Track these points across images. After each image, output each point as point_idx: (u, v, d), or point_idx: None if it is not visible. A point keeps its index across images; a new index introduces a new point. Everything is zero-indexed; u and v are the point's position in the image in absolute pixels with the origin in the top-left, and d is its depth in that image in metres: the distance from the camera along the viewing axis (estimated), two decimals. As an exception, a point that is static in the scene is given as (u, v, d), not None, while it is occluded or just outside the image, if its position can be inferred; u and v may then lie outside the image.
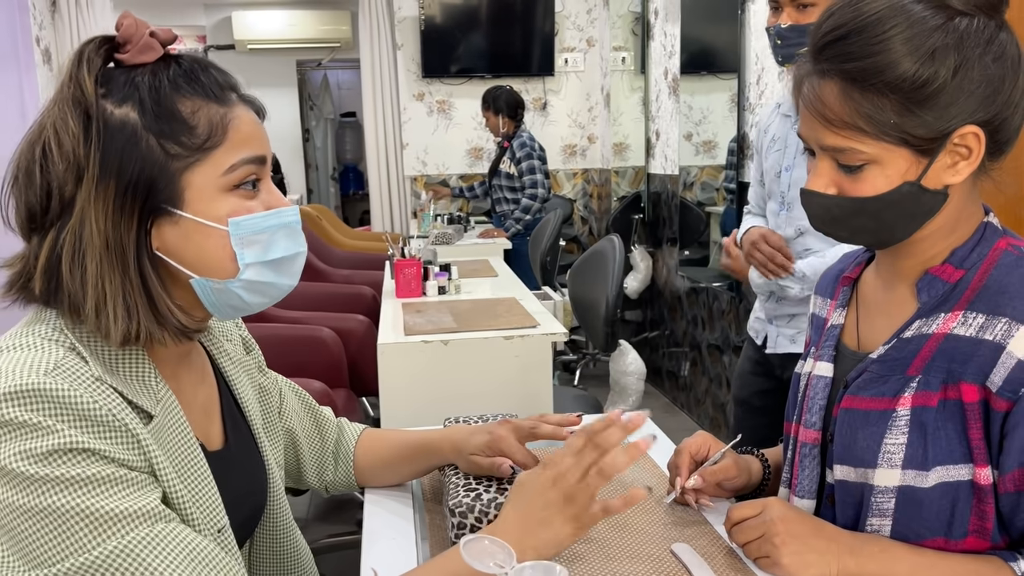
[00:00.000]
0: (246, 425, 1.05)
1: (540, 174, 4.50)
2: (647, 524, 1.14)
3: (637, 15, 4.94)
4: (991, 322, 0.88)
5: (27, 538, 0.73)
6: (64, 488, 0.73)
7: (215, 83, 0.85)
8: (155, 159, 0.81)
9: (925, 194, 0.89)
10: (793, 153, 1.93)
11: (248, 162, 0.85)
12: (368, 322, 3.13)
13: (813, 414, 1.03)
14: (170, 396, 0.87)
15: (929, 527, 0.91)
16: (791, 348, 2.03)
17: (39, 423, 0.73)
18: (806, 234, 1.91)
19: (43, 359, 0.77)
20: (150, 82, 0.82)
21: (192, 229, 0.83)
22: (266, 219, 0.86)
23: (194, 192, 0.82)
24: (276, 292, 0.90)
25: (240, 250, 0.85)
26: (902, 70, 0.84)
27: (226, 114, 0.84)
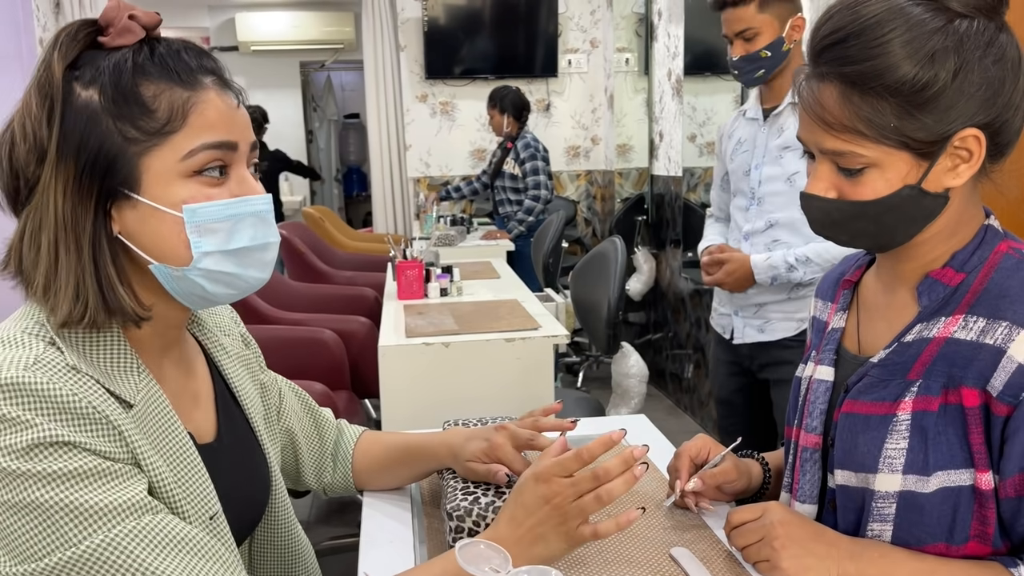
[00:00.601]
0: (244, 419, 1.04)
1: (544, 175, 4.50)
2: (646, 528, 1.13)
3: (641, 16, 4.93)
4: (992, 326, 0.87)
5: (12, 533, 0.73)
6: (47, 483, 0.73)
7: (185, 67, 0.83)
8: (113, 142, 0.80)
9: (926, 197, 0.89)
10: (762, 152, 2.10)
11: (210, 147, 0.82)
12: (370, 324, 3.13)
13: (814, 418, 1.03)
14: (153, 384, 0.87)
15: (930, 532, 0.90)
16: (760, 337, 2.15)
17: (19, 417, 0.73)
18: (776, 226, 2.08)
19: (23, 355, 0.77)
20: (115, 64, 0.81)
21: (148, 214, 0.82)
22: (227, 207, 0.84)
23: (151, 176, 0.81)
24: (243, 284, 0.88)
25: (196, 238, 0.83)
26: (901, 73, 0.84)
27: (190, 98, 0.82)
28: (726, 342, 2.25)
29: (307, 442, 1.22)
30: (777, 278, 2.03)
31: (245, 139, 0.87)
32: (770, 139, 2.09)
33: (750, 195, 2.13)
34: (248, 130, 0.87)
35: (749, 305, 2.16)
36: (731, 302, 2.21)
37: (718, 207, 2.35)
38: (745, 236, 2.14)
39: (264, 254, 0.88)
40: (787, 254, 2.01)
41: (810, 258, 1.99)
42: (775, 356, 2.16)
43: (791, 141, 2.06)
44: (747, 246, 2.12)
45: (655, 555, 1.06)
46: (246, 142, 0.87)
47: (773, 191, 2.08)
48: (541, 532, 0.89)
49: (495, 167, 4.76)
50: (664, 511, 1.18)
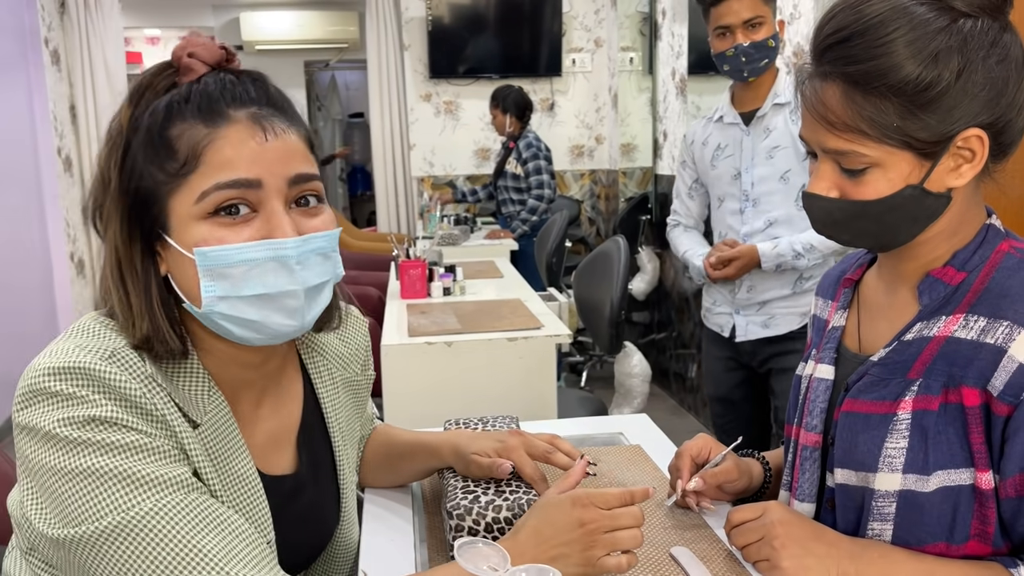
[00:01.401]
0: (329, 451, 1.05)
1: (546, 175, 4.49)
2: (646, 528, 1.13)
3: (645, 15, 4.93)
4: (992, 325, 0.87)
5: (65, 497, 0.76)
6: (101, 451, 0.76)
7: (214, 102, 0.82)
8: (147, 184, 0.83)
9: (928, 197, 0.88)
10: (750, 155, 2.14)
11: (224, 187, 0.80)
12: (373, 323, 3.13)
13: (814, 417, 1.03)
14: (224, 409, 0.89)
15: (930, 532, 0.90)
16: (764, 333, 2.20)
17: (84, 396, 0.77)
18: (775, 224, 2.14)
19: (102, 345, 0.80)
20: (155, 105, 0.83)
21: (175, 255, 0.83)
22: (240, 251, 0.80)
23: (175, 218, 0.82)
24: (271, 331, 0.85)
25: (208, 282, 0.81)
26: (905, 73, 0.83)
27: (207, 136, 0.80)
28: (723, 339, 2.28)
29: None
30: (783, 265, 2.11)
31: (276, 174, 0.82)
32: (757, 141, 2.14)
33: (743, 198, 2.18)
34: (285, 163, 0.83)
35: (752, 304, 2.20)
36: (731, 301, 2.24)
37: (686, 215, 2.40)
38: (744, 238, 2.18)
39: (288, 300, 0.83)
40: (793, 242, 2.08)
41: (814, 246, 2.08)
42: (780, 348, 2.20)
43: (780, 140, 2.12)
44: None
45: (655, 554, 1.06)
46: (278, 177, 0.82)
47: (768, 191, 2.14)
48: (564, 552, 0.89)
49: (497, 167, 4.76)
50: (665, 510, 1.18)
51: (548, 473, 1.14)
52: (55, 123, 4.92)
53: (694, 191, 2.36)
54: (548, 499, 0.93)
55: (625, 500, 0.92)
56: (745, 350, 2.25)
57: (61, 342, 0.82)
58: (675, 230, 2.43)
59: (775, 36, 2.06)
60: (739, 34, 2.03)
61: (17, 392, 0.79)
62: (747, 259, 2.14)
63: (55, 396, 0.76)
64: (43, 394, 0.77)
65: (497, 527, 1.04)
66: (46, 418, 0.76)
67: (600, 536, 0.89)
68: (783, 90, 2.15)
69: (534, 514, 0.92)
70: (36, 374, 0.78)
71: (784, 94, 2.15)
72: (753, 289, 2.20)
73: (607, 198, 5.79)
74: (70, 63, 5.23)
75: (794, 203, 2.14)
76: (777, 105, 2.15)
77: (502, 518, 1.04)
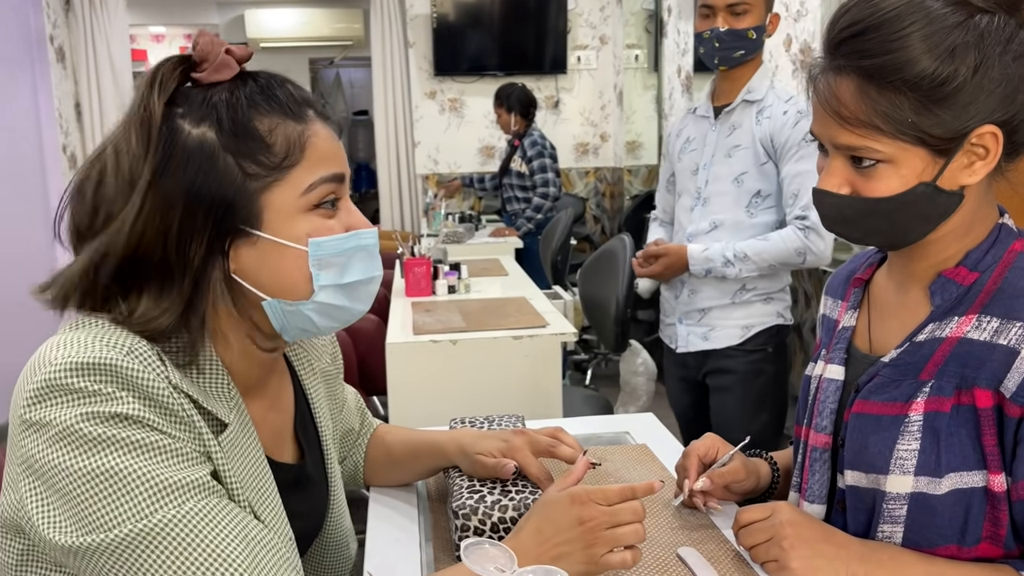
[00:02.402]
0: (318, 442, 1.05)
1: (551, 173, 4.49)
2: (653, 528, 1.13)
3: (650, 12, 4.92)
4: (1006, 326, 0.86)
5: (84, 502, 0.72)
6: (124, 449, 0.73)
7: (292, 99, 0.84)
8: (233, 179, 0.80)
9: (940, 195, 0.87)
10: (711, 151, 2.07)
11: (327, 180, 0.83)
12: (378, 321, 3.13)
13: (824, 418, 1.02)
14: (243, 409, 0.88)
15: (942, 534, 0.89)
16: (704, 345, 2.12)
17: (107, 392, 0.73)
18: (719, 228, 2.06)
19: (120, 339, 0.77)
20: (227, 100, 0.81)
21: (270, 250, 0.82)
22: (346, 241, 0.85)
23: (273, 212, 0.82)
24: (347, 316, 0.89)
25: (316, 271, 0.84)
26: (921, 68, 0.82)
27: (304, 131, 0.83)
28: (673, 353, 2.23)
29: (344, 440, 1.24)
30: (712, 271, 2.03)
31: (347, 170, 0.88)
32: (720, 137, 2.06)
33: (695, 195, 2.10)
34: (346, 161, 0.89)
35: (692, 312, 2.14)
36: (675, 310, 2.19)
37: (663, 209, 2.33)
38: (688, 237, 2.11)
39: (371, 286, 0.90)
40: (725, 248, 2.00)
41: (748, 255, 1.98)
42: (718, 364, 2.13)
43: (742, 139, 2.03)
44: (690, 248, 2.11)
45: (662, 555, 1.05)
46: (348, 173, 0.88)
47: (719, 191, 2.06)
48: (567, 551, 0.88)
49: (503, 165, 4.75)
50: (672, 511, 1.17)
51: (553, 469, 1.13)
52: (60, 120, 4.92)
53: (670, 184, 2.28)
54: (548, 497, 0.92)
55: (626, 495, 0.91)
56: (689, 363, 2.19)
57: (72, 334, 0.78)
58: (652, 224, 2.38)
59: (760, 28, 1.96)
60: (720, 17, 1.93)
61: (27, 388, 0.74)
62: (674, 258, 2.07)
63: (77, 392, 0.73)
64: (62, 390, 0.73)
65: (503, 527, 1.04)
66: (66, 413, 0.72)
67: (601, 533, 0.88)
68: (757, 86, 2.04)
69: (535, 513, 0.92)
70: (54, 369, 0.73)
71: (758, 90, 2.04)
72: (694, 294, 2.13)
73: (612, 196, 5.78)
74: (75, 60, 5.23)
75: (744, 208, 2.04)
76: (747, 102, 2.04)
77: (508, 518, 1.04)
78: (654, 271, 2.12)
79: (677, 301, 2.17)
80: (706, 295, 2.10)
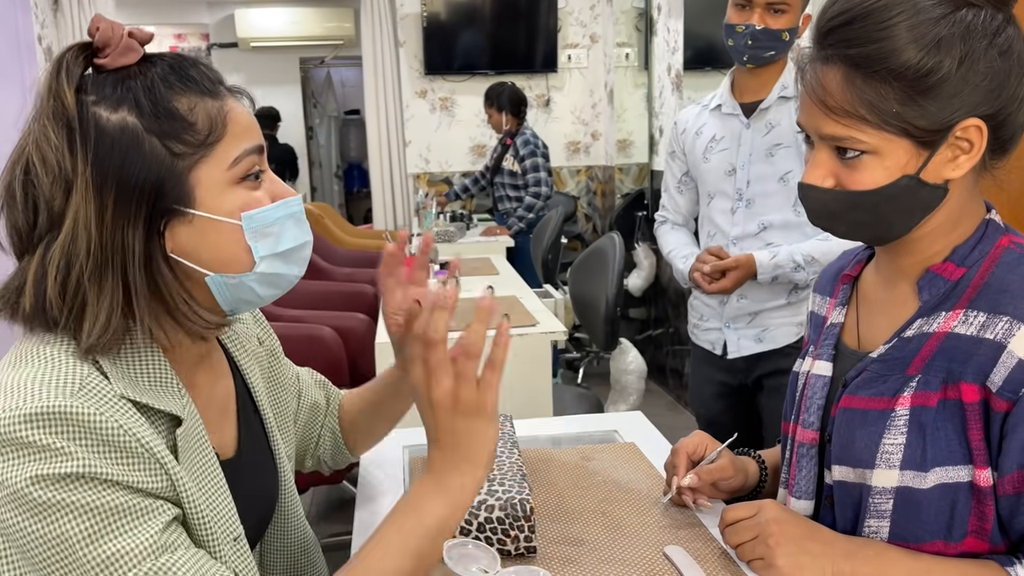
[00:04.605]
0: (260, 423, 1.04)
1: (543, 172, 4.48)
2: (640, 526, 1.12)
3: (640, 11, 4.91)
4: (992, 321, 0.86)
5: (41, 561, 0.73)
6: (76, 515, 0.72)
7: (205, 77, 0.85)
8: (160, 160, 0.79)
9: (924, 188, 0.87)
10: (747, 150, 1.95)
11: (250, 152, 0.84)
12: (368, 320, 3.12)
13: (811, 414, 1.02)
14: (190, 404, 0.87)
15: (928, 529, 0.89)
16: (758, 348, 2.00)
17: (60, 448, 0.72)
18: (769, 229, 1.94)
19: (68, 377, 0.75)
20: (143, 83, 0.81)
21: (206, 226, 0.82)
22: (275, 210, 0.86)
23: (203, 189, 0.82)
24: (286, 283, 0.90)
25: (254, 243, 0.84)
26: (906, 58, 0.83)
27: (222, 107, 0.84)
28: (716, 359, 2.08)
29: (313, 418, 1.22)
30: (780, 277, 1.91)
31: (264, 142, 0.89)
32: (757, 136, 1.94)
33: (736, 196, 1.98)
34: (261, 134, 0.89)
35: (742, 316, 2.01)
36: (719, 315, 2.05)
37: (674, 211, 2.20)
38: (734, 241, 1.99)
39: (303, 251, 0.91)
40: (793, 252, 1.89)
41: (815, 258, 1.88)
42: (775, 365, 1.99)
43: (783, 138, 1.93)
44: (736, 251, 1.97)
45: (649, 553, 1.05)
46: (265, 145, 0.89)
47: (764, 192, 1.94)
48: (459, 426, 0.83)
49: (495, 163, 4.75)
50: (660, 509, 1.17)
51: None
52: (49, 121, 4.89)
53: (683, 185, 2.16)
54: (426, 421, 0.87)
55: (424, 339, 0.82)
56: (738, 367, 2.05)
57: (16, 373, 0.76)
58: (662, 227, 2.24)
59: (793, 29, 1.87)
60: (757, 14, 1.82)
61: None
62: (745, 270, 1.91)
63: (28, 447, 0.71)
64: (13, 444, 0.71)
65: (489, 527, 1.03)
66: (17, 474, 0.71)
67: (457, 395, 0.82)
68: (791, 81, 1.93)
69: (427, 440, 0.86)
70: (3, 421, 0.72)
71: (792, 86, 1.94)
72: (744, 299, 1.99)
73: (603, 194, 5.77)
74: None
75: (792, 208, 1.94)
76: (783, 98, 1.95)
77: (495, 518, 1.03)
78: (725, 287, 1.93)
79: (723, 306, 2.03)
80: (758, 298, 1.97)
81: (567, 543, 1.09)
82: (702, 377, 2.17)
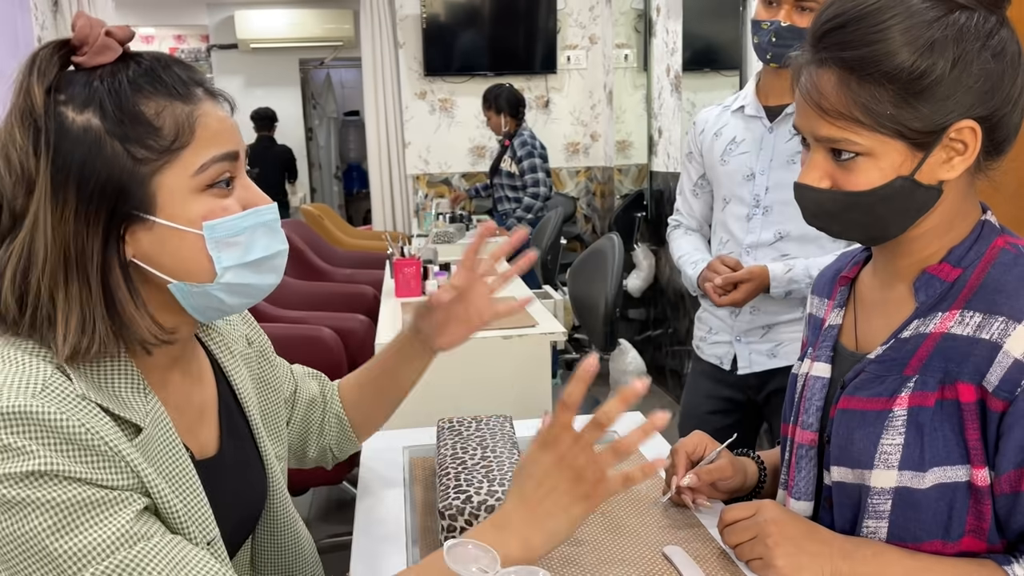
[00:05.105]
0: (246, 424, 1.03)
1: (541, 172, 4.48)
2: (639, 526, 1.13)
3: (639, 12, 4.92)
4: (988, 321, 0.87)
5: (13, 560, 0.73)
6: (43, 511, 0.72)
7: (178, 80, 0.82)
8: (122, 164, 0.78)
9: (919, 189, 0.88)
10: (768, 156, 1.85)
11: (219, 160, 0.81)
12: (368, 322, 3.12)
13: (810, 415, 1.02)
14: (158, 407, 0.85)
15: (926, 529, 0.89)
16: (771, 364, 1.88)
17: (22, 447, 0.72)
18: (786, 239, 1.83)
19: (31, 378, 0.75)
20: (109, 85, 0.79)
21: (167, 234, 0.80)
22: (243, 219, 0.83)
23: (166, 195, 0.80)
24: (258, 292, 0.88)
25: (216, 253, 0.82)
26: (900, 60, 0.83)
27: (192, 112, 0.81)
28: (723, 373, 1.97)
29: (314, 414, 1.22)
30: (794, 292, 1.81)
31: (242, 147, 0.86)
32: (780, 142, 1.84)
33: (752, 203, 1.87)
34: (241, 137, 0.87)
35: (754, 329, 1.90)
36: (730, 328, 1.94)
37: (688, 214, 2.09)
38: (747, 249, 1.87)
39: (276, 260, 0.89)
40: (810, 266, 1.78)
41: None
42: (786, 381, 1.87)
43: None
44: (750, 260, 1.86)
45: (648, 553, 1.06)
46: (243, 150, 0.86)
47: (783, 200, 1.82)
48: (556, 499, 0.83)
49: (493, 165, 4.75)
50: (659, 508, 1.17)
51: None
52: (48, 122, 4.89)
53: (699, 189, 2.04)
54: (522, 459, 0.88)
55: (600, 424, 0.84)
56: (748, 383, 1.93)
57: None
58: (674, 232, 2.13)
59: None
60: (784, 10, 1.74)
61: None
62: (758, 282, 1.80)
63: None
64: None
65: (489, 527, 1.03)
66: None
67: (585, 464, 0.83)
68: None
69: (515, 481, 0.87)
70: None
71: None
72: (757, 311, 1.87)
73: (603, 195, 5.78)
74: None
75: None
76: None
77: (494, 518, 1.04)
78: (736, 299, 1.81)
79: (734, 319, 1.92)
80: (771, 311, 1.86)
81: (567, 543, 1.09)
82: (702, 393, 2.06)
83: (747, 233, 1.88)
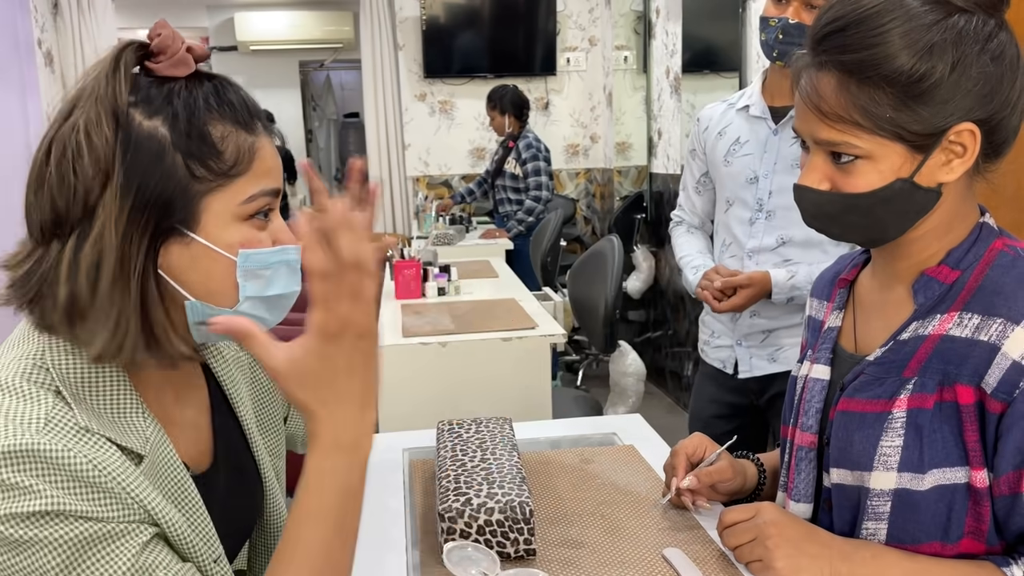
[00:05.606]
0: (240, 433, 1.03)
1: (545, 176, 4.49)
2: (639, 528, 1.13)
3: (639, 14, 4.92)
4: (986, 323, 0.87)
5: None
6: (50, 550, 0.72)
7: (245, 109, 0.84)
8: (179, 178, 0.79)
9: (918, 191, 0.88)
10: (772, 158, 1.82)
11: (267, 193, 0.84)
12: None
13: (809, 417, 1.02)
14: (157, 430, 0.86)
15: (925, 531, 0.89)
16: (771, 368, 1.87)
17: (29, 486, 0.72)
18: (788, 244, 1.81)
19: (35, 412, 0.75)
20: (185, 99, 0.80)
21: (201, 253, 0.81)
22: (273, 255, 0.85)
23: (210, 217, 0.81)
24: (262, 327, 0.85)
25: (244, 282, 0.83)
26: (899, 63, 0.84)
27: (253, 143, 0.83)
28: (725, 377, 1.96)
29: None
30: (796, 299, 1.79)
31: (282, 186, 0.88)
32: (784, 145, 1.81)
33: (755, 206, 1.84)
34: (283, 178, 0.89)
35: (755, 334, 1.89)
36: (731, 332, 1.93)
37: (691, 212, 2.07)
38: (749, 254, 1.85)
39: (288, 301, 0.89)
40: (813, 273, 1.74)
41: None
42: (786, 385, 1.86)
43: None
44: (752, 265, 1.84)
45: (647, 555, 1.06)
46: (282, 189, 0.88)
47: (787, 205, 1.78)
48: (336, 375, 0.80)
49: (496, 166, 4.75)
50: (659, 510, 1.17)
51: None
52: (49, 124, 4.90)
53: (702, 186, 2.01)
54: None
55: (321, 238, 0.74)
56: (750, 387, 1.92)
57: None
58: (677, 229, 2.10)
59: None
60: (794, 7, 1.70)
61: None
62: (759, 288, 1.78)
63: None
64: None
65: (489, 530, 1.04)
66: None
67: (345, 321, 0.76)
68: None
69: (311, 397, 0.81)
70: None
71: None
72: (758, 315, 1.86)
73: (602, 197, 5.78)
74: (64, 64, 5.21)
75: None
76: None
77: (494, 520, 1.04)
78: (735, 305, 1.79)
79: (736, 323, 1.91)
80: (772, 315, 1.85)
81: (567, 545, 1.09)
82: (706, 397, 2.04)
83: (749, 237, 1.85)
